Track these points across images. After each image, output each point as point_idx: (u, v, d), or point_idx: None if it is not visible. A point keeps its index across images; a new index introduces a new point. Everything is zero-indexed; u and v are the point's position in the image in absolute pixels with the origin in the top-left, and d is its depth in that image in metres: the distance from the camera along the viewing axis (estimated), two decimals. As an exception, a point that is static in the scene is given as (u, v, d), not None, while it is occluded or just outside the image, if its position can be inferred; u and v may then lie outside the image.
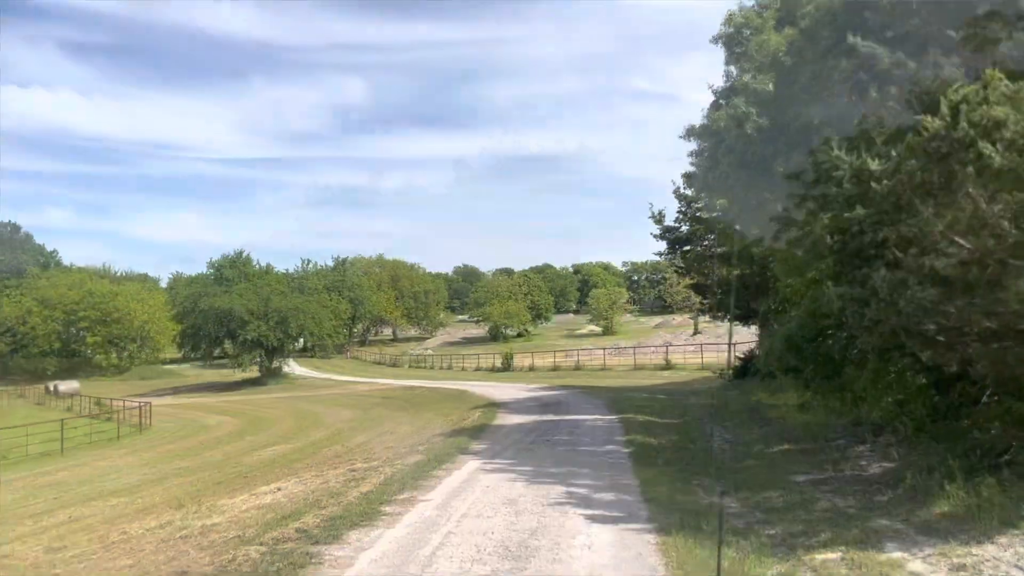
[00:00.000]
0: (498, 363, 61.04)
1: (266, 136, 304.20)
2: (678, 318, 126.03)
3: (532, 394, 31.98)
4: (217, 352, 68.57)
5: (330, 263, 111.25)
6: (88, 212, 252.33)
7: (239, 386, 64.43)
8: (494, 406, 26.47)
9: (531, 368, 57.03)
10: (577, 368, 52.79)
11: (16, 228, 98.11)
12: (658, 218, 31.54)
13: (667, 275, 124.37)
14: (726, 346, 54.47)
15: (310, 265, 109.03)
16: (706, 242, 29.58)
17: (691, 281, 32.56)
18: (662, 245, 31.97)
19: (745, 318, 31.78)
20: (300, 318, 63.41)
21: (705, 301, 31.84)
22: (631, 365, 49.67)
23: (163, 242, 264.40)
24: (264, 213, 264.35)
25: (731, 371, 31.10)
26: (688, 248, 31.16)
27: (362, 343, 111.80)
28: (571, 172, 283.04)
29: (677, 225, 31.38)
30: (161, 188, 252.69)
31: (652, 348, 60.56)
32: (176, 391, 66.15)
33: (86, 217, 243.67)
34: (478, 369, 64.48)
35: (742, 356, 31.56)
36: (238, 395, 58.00)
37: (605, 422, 19.87)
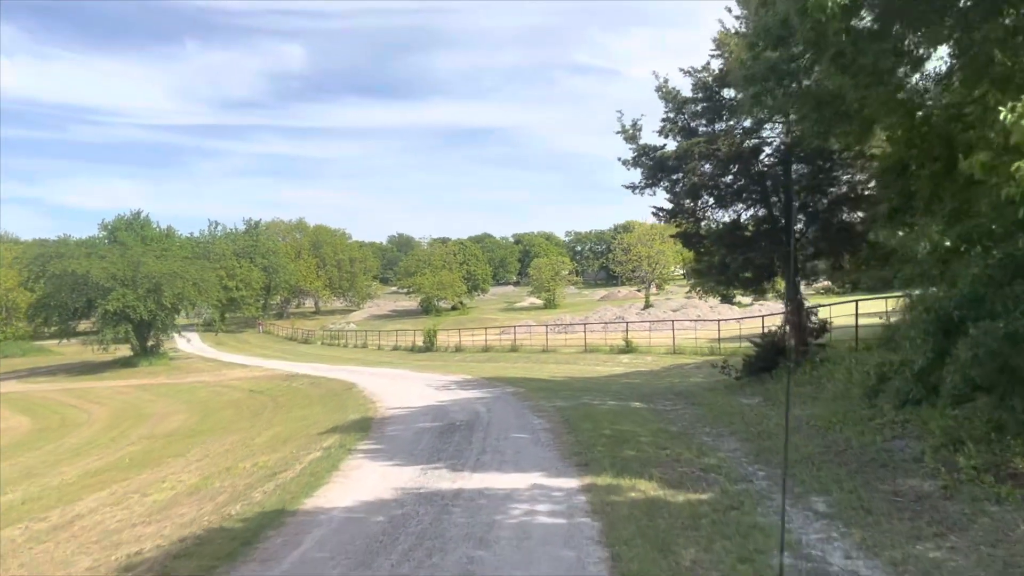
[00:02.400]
0: (420, 342, 49.46)
1: (202, 103, 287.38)
2: (623, 290, 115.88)
3: (443, 397, 20.67)
4: (86, 327, 55.16)
5: (241, 227, 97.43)
6: (13, 178, 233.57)
7: (104, 368, 51.65)
8: (362, 432, 14.99)
9: (458, 348, 45.58)
10: (513, 350, 41.48)
11: None
12: (631, 133, 20.21)
13: (612, 244, 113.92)
14: (701, 323, 43.90)
15: (218, 228, 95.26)
16: (719, 153, 18.29)
17: (678, 229, 21.16)
18: (635, 175, 20.68)
19: (810, 275, 21.21)
20: (178, 286, 50.66)
21: (702, 257, 20.68)
22: (580, 346, 38.58)
23: (95, 210, 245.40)
24: (202, 181, 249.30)
25: (741, 363, 20.18)
26: (679, 176, 19.92)
27: (280, 316, 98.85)
28: (513, 145, 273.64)
29: (661, 143, 20.14)
30: (90, 154, 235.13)
31: (603, 324, 49.61)
32: (32, 373, 53.04)
33: (10, 183, 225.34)
34: (396, 348, 52.79)
35: (758, 341, 20.64)
36: (89, 381, 45.41)
37: (559, 504, 8.45)
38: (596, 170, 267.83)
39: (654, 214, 21.94)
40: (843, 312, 22.52)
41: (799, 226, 19.14)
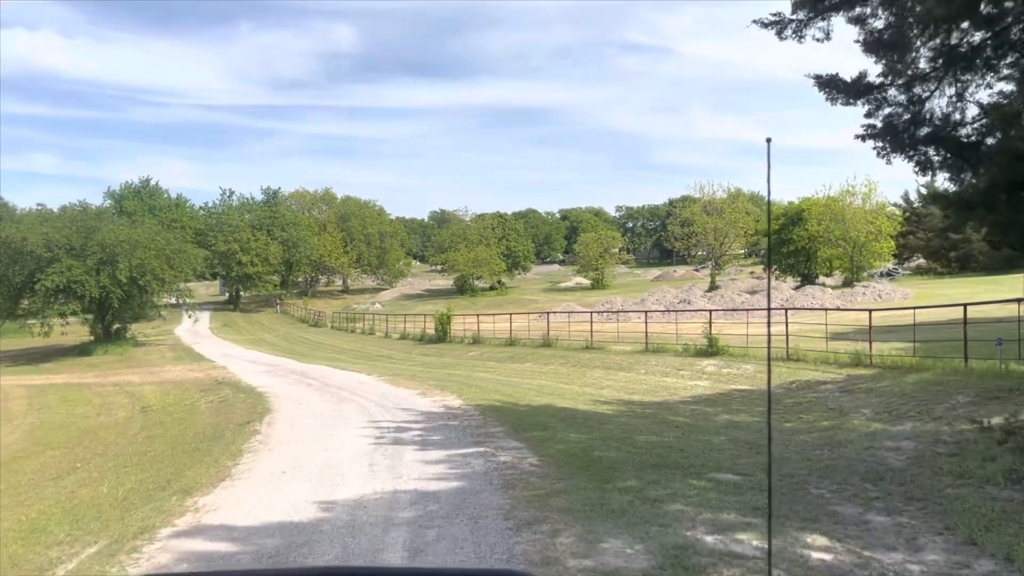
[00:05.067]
0: (431, 329, 38.16)
1: (255, 83, 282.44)
2: (680, 269, 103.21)
3: (347, 488, 9.20)
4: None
5: (259, 196, 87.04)
6: (73, 157, 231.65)
7: (52, 356, 41.47)
8: None
9: (476, 340, 34.12)
10: (546, 344, 29.81)
11: None
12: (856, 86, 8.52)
13: (668, 219, 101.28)
14: (807, 311, 31.44)
15: (232, 198, 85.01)
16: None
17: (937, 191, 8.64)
18: (852, 126, 9.05)
19: None
20: (138, 256, 40.04)
21: (957, 174, 9.14)
22: (638, 341, 26.76)
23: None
24: (254, 161, 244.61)
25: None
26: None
27: (303, 294, 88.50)
28: (561, 124, 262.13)
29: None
30: (148, 134, 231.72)
31: (664, 311, 37.70)
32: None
33: (71, 163, 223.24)
34: (404, 337, 41.56)
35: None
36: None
37: None
38: (647, 149, 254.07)
39: (918, 167, 10.00)
40: None
41: None
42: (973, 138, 8.94)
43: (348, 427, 13.30)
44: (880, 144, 9.43)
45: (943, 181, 10.80)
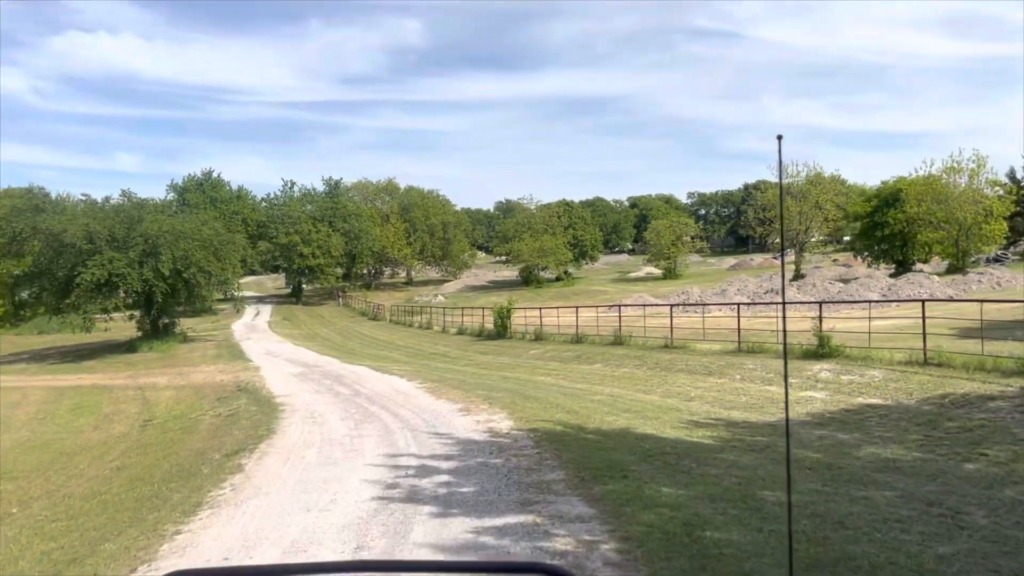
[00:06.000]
0: (490, 324, 34.65)
1: (325, 80, 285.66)
2: (757, 257, 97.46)
3: None
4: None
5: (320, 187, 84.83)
6: (156, 156, 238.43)
7: (100, 353, 39.47)
8: None
9: (538, 336, 30.43)
10: (618, 342, 25.92)
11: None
12: None
13: (745, 206, 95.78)
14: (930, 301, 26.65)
15: (294, 189, 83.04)
16: None
17: None
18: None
19: None
20: (181, 247, 37.60)
21: None
22: (726, 338, 22.63)
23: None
24: (325, 156, 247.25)
25: None
26: None
27: (367, 287, 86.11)
28: (627, 113, 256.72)
29: None
30: (223, 132, 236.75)
31: (750, 304, 33.34)
32: (17, 358, 41.58)
33: (153, 161, 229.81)
34: (461, 332, 38.16)
35: None
36: (37, 375, 32.98)
37: None
38: (717, 136, 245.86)
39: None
40: None
41: None
42: None
43: (356, 465, 9.79)
44: None
45: None
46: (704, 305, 34.68)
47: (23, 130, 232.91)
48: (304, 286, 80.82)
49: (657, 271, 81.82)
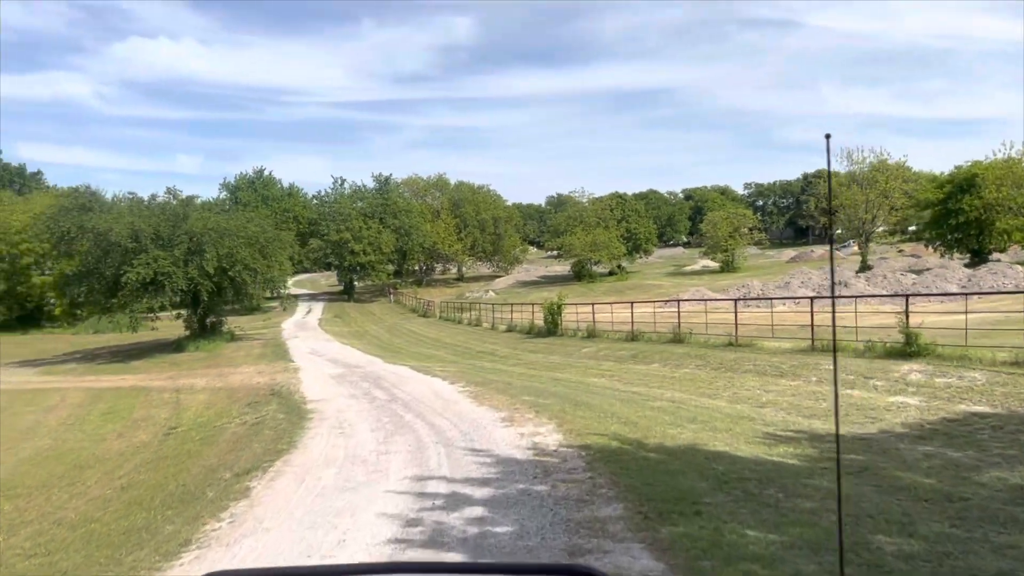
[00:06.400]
0: (540, 320, 33.06)
1: (378, 79, 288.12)
2: (819, 249, 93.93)
3: None
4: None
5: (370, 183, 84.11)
6: (215, 158, 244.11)
7: (148, 352, 39.06)
8: None
9: (591, 333, 28.74)
10: (677, 339, 24.10)
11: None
12: None
13: (804, 196, 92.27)
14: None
15: (344, 186, 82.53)
16: None
17: None
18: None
19: None
20: (227, 246, 36.87)
21: None
22: (799, 337, 20.69)
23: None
24: (378, 155, 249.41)
25: None
26: None
27: (419, 283, 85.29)
28: (680, 106, 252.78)
29: None
30: (279, 133, 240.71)
31: (814, 297, 31.12)
32: (70, 358, 41.51)
33: (212, 162, 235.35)
34: (511, 329, 36.65)
35: None
36: (82, 375, 32.55)
37: None
38: (773, 127, 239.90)
39: None
40: None
41: None
42: None
43: (376, 492, 8.33)
44: None
45: None
46: (769, 299, 32.53)
47: (88, 135, 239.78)
48: (356, 283, 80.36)
49: (714, 264, 79.27)
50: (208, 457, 11.89)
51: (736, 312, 22.72)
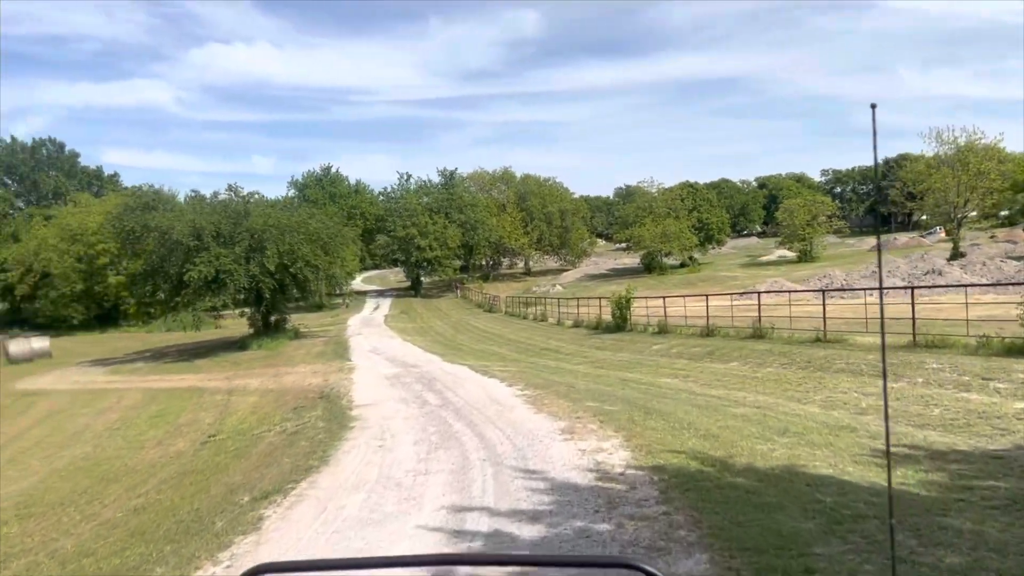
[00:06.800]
0: (608, 315, 31.33)
1: (444, 76, 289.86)
2: (902, 237, 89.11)
3: None
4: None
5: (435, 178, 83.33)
6: (288, 158, 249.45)
7: (215, 350, 38.83)
8: None
9: (662, 329, 26.87)
10: (757, 335, 22.09)
11: (60, 146, 77.83)
12: None
13: (886, 182, 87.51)
14: None
15: (410, 181, 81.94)
16: None
17: None
18: None
19: None
20: (287, 243, 36.23)
21: None
22: (897, 332, 18.50)
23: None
24: (444, 153, 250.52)
25: None
26: None
27: (485, 278, 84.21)
28: (751, 92, 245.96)
29: None
30: (349, 132, 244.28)
31: (904, 287, 28.56)
32: (139, 357, 41.70)
33: (285, 163, 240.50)
34: (578, 324, 34.99)
35: None
36: (148, 374, 32.29)
37: None
38: (848, 112, 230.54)
39: None
40: None
41: None
42: None
43: (404, 528, 6.89)
44: None
45: None
46: (861, 289, 30.06)
47: (169, 139, 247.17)
48: (423, 279, 79.85)
49: (790, 254, 75.88)
50: (234, 473, 10.69)
51: (824, 304, 20.60)
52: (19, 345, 47.32)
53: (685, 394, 14.71)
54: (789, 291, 28.24)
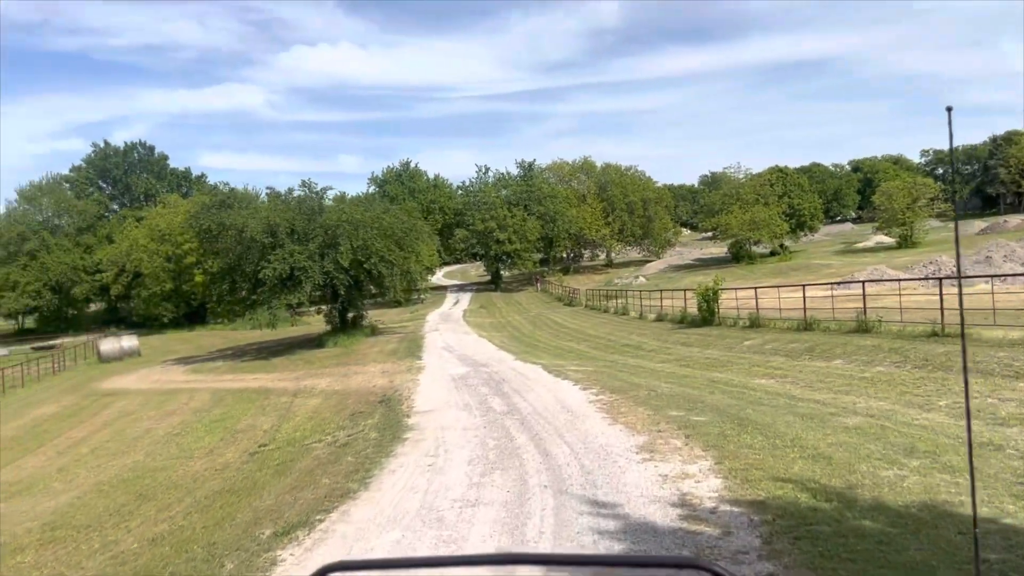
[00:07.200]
0: (694, 308, 29.32)
1: (524, 69, 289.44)
2: (1014, 219, 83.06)
3: None
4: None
5: (514, 170, 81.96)
6: (373, 156, 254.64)
7: (292, 348, 38.55)
8: None
9: (753, 322, 24.74)
10: (862, 328, 19.82)
11: (150, 149, 79.91)
12: None
13: (994, 161, 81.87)
14: None
15: (488, 174, 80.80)
16: None
17: None
18: None
19: None
20: (361, 238, 35.47)
21: None
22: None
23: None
24: (524, 146, 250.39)
25: None
26: None
27: (565, 270, 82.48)
28: (840, 74, 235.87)
29: None
30: (432, 129, 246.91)
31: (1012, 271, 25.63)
32: (211, 358, 41.89)
33: (371, 160, 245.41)
34: (661, 318, 33.03)
35: None
36: (226, 373, 32.01)
37: None
38: (948, 90, 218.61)
39: None
40: None
41: None
42: None
43: (434, 586, 5.43)
44: None
45: None
46: (977, 276, 27.20)
47: (261, 141, 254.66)
48: (502, 273, 78.77)
49: (889, 239, 71.48)
50: (268, 496, 9.51)
51: (941, 293, 18.24)
52: (110, 344, 48.36)
53: (784, 399, 12.85)
54: (897, 279, 25.65)
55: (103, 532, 9.80)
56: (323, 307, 41.10)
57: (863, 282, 23.36)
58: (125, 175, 78.58)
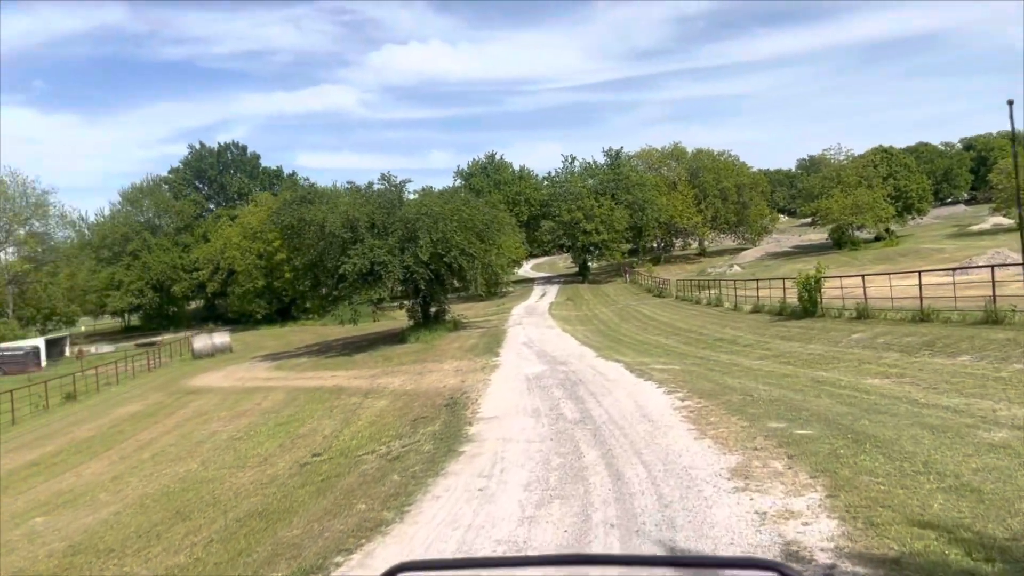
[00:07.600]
0: (794, 298, 27.02)
1: (613, 58, 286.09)
2: None
3: None
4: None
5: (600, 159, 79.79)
6: (464, 151, 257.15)
7: (375, 344, 38.04)
8: None
9: (861, 313, 22.37)
10: (992, 319, 17.35)
11: (243, 149, 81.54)
12: None
13: None
14: None
15: (575, 163, 78.95)
16: None
17: None
18: None
19: None
20: (440, 231, 34.48)
21: None
22: None
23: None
24: (614, 135, 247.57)
25: None
26: None
27: (655, 261, 79.88)
28: (946, 50, 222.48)
29: None
30: (522, 122, 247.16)
31: None
32: (297, 354, 41.87)
33: (461, 156, 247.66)
34: (757, 310, 30.75)
35: None
36: (309, 371, 31.55)
37: None
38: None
39: None
40: None
41: None
42: None
43: None
44: None
45: None
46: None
47: (355, 139, 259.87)
48: (590, 264, 76.97)
49: (1008, 221, 65.98)
50: (297, 524, 8.33)
51: (1090, 279, 15.68)
52: (202, 341, 49.19)
53: (905, 405, 10.88)
54: (1013, 263, 22.74)
55: (122, 560, 8.87)
56: (406, 302, 40.42)
57: (991, 266, 20.71)
58: (220, 175, 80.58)
